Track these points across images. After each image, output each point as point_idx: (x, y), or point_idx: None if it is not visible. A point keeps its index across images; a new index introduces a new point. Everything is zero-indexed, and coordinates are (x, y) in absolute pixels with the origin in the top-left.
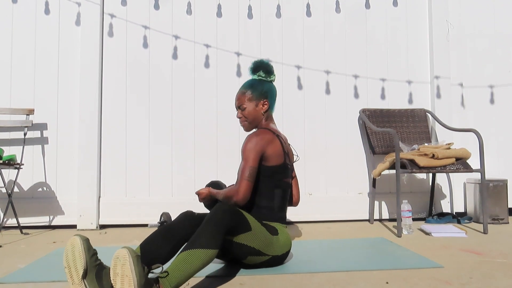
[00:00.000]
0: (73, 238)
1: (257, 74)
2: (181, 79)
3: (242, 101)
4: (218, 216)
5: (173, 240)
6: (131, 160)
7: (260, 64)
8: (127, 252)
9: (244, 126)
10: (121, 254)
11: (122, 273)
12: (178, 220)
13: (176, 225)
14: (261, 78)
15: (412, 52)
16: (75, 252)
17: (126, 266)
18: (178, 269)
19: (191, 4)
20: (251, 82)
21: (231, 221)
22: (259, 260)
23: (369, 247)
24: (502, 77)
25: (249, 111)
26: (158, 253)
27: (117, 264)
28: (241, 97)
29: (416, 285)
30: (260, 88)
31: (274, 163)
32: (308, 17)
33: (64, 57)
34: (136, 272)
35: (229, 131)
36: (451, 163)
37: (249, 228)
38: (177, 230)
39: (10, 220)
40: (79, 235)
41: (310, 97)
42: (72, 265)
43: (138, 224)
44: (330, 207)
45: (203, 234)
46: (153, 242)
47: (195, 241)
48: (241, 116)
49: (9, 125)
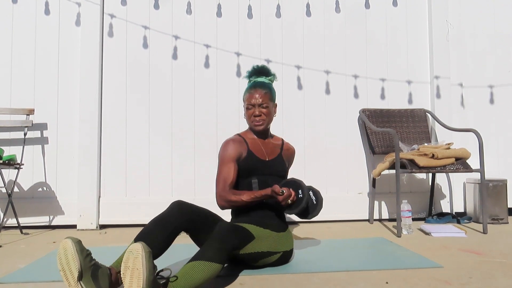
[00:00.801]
0: (65, 241)
1: (269, 78)
2: (181, 79)
3: (266, 99)
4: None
5: (166, 230)
6: (131, 160)
7: (269, 69)
8: (141, 247)
9: (262, 124)
10: (134, 248)
11: (133, 267)
12: (170, 210)
13: (168, 215)
14: (270, 82)
15: (412, 52)
16: (68, 255)
17: (138, 260)
18: (185, 277)
19: (191, 4)
20: (267, 84)
21: (234, 239)
22: (272, 259)
23: (369, 247)
24: (502, 77)
25: (269, 111)
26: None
27: (129, 257)
28: (265, 96)
29: (416, 285)
30: (274, 91)
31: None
32: (308, 17)
33: (64, 57)
34: (146, 267)
35: (229, 131)
36: (450, 163)
37: (252, 237)
38: (170, 220)
39: (10, 220)
40: (70, 237)
41: (310, 97)
42: (66, 268)
43: (138, 224)
44: (330, 207)
45: (210, 248)
46: (147, 233)
47: (203, 253)
48: (260, 114)
49: (9, 125)
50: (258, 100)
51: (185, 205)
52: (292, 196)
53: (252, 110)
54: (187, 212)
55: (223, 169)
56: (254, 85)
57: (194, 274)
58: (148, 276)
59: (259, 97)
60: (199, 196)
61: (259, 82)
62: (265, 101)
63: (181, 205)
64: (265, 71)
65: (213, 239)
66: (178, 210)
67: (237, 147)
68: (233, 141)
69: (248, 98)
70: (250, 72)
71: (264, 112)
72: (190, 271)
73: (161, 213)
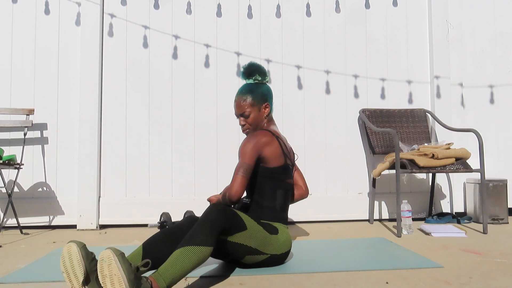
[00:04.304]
0: (69, 245)
1: (253, 78)
2: (181, 79)
3: (244, 108)
4: (212, 216)
5: (175, 243)
6: (131, 160)
7: (254, 67)
8: (111, 252)
9: (248, 132)
10: (105, 255)
11: (110, 273)
12: (180, 222)
13: (178, 227)
14: (257, 81)
15: (412, 52)
16: (73, 259)
17: (112, 265)
18: (172, 266)
19: (191, 3)
20: (248, 87)
21: (225, 220)
22: (258, 259)
23: (369, 247)
24: (502, 77)
25: (253, 117)
26: (160, 254)
27: (103, 266)
28: (243, 104)
29: (416, 285)
30: (259, 92)
31: (275, 165)
32: (308, 17)
33: (64, 57)
34: (123, 269)
35: (229, 131)
36: (451, 163)
37: (244, 227)
38: (179, 232)
39: (10, 220)
40: (75, 241)
41: (310, 97)
42: (70, 271)
43: (138, 224)
44: (330, 207)
45: (197, 232)
46: (155, 243)
47: (190, 239)
48: (244, 123)
49: (9, 125)
50: (236, 111)
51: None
52: None
53: (238, 120)
54: None
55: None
56: (237, 93)
57: (184, 260)
58: (128, 276)
59: (238, 107)
60: (199, 196)
61: (240, 88)
62: (245, 109)
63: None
64: (249, 72)
65: (201, 221)
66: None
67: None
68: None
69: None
70: (241, 74)
71: (248, 121)
72: (179, 258)
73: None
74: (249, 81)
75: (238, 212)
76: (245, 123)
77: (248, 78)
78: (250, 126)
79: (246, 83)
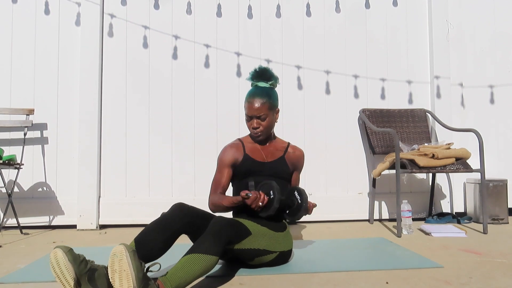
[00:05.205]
0: (55, 251)
1: (270, 83)
2: (181, 79)
3: (262, 110)
4: (218, 227)
5: (166, 233)
6: (131, 160)
7: (270, 72)
8: (123, 248)
9: (261, 135)
10: (117, 250)
11: (120, 269)
12: (170, 212)
13: (169, 217)
14: (272, 86)
15: (412, 52)
16: (61, 265)
17: (123, 261)
18: (179, 271)
19: (191, 4)
20: (266, 91)
21: (230, 232)
22: (268, 259)
23: (369, 247)
24: (502, 77)
25: (268, 121)
26: (152, 245)
27: (114, 260)
28: (262, 107)
29: (416, 285)
30: (275, 97)
31: None
32: (308, 17)
33: (64, 57)
34: (134, 267)
35: (229, 130)
36: (451, 163)
37: (249, 232)
38: (170, 222)
39: (10, 220)
40: (60, 246)
41: (310, 97)
42: (61, 277)
43: (138, 224)
44: (330, 207)
45: (205, 241)
46: (147, 235)
47: (198, 246)
48: (259, 126)
49: (9, 125)
50: (255, 112)
51: (186, 207)
52: (262, 197)
53: (251, 121)
54: (188, 215)
55: (216, 174)
56: (252, 94)
57: (190, 266)
58: (136, 274)
59: (256, 108)
60: (199, 196)
61: (258, 90)
62: (263, 112)
63: (182, 208)
64: (266, 75)
65: (209, 231)
66: (179, 212)
67: (232, 153)
68: (230, 146)
69: (247, 108)
70: (252, 75)
71: (263, 124)
72: (186, 264)
73: (163, 215)
74: (264, 85)
75: (240, 220)
76: (259, 125)
77: (266, 82)
78: (263, 130)
79: (260, 86)
